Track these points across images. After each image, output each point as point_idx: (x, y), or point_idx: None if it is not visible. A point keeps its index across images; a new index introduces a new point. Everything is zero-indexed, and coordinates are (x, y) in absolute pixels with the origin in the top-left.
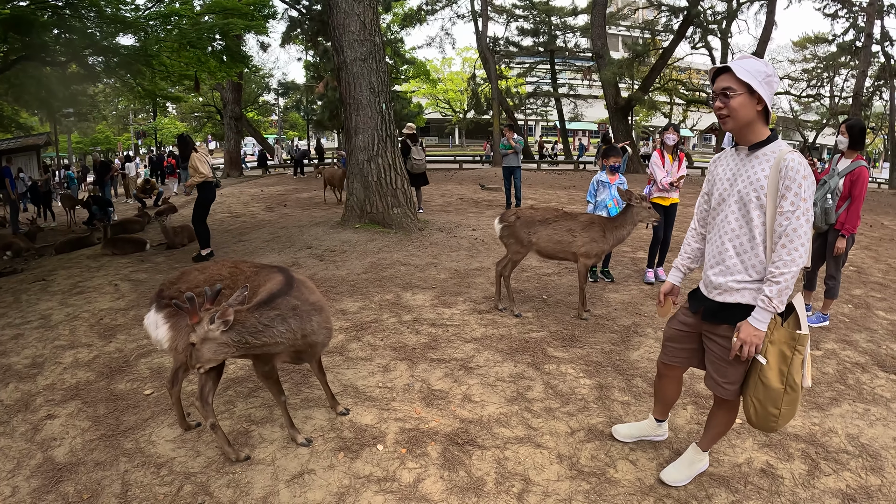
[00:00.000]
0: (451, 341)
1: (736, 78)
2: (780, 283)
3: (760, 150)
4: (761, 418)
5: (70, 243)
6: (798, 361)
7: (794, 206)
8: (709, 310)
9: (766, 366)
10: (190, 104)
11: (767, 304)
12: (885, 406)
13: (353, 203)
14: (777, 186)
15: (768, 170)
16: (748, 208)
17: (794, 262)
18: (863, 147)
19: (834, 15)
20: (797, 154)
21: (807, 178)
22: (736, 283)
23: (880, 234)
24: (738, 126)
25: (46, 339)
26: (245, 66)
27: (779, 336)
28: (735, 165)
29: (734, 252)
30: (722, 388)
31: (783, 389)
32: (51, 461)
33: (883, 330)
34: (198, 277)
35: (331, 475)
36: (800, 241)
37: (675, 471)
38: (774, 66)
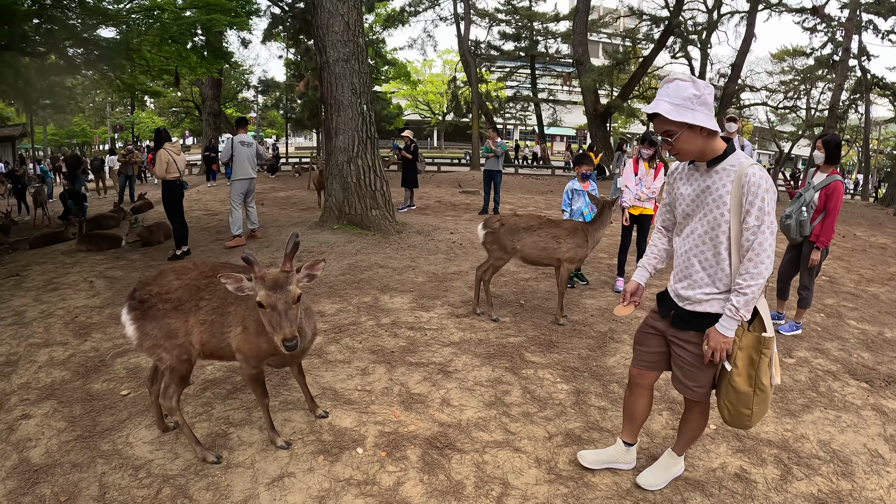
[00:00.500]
0: (430, 345)
1: (670, 119)
2: (747, 294)
3: (719, 164)
4: (735, 419)
5: (44, 238)
6: (765, 364)
7: (758, 220)
8: (679, 317)
9: (735, 371)
10: (168, 99)
11: (735, 314)
12: (856, 413)
13: (331, 204)
14: (740, 202)
15: (730, 185)
16: (712, 225)
17: (761, 275)
18: (838, 161)
19: (813, 29)
20: (758, 167)
21: (769, 192)
22: (704, 295)
23: (853, 244)
24: (691, 157)
25: (20, 336)
26: (226, 62)
27: (746, 342)
28: (696, 181)
29: (700, 267)
30: (692, 392)
31: (752, 392)
32: (26, 462)
33: (854, 339)
34: (172, 282)
35: (311, 478)
36: (766, 254)
37: (651, 475)
38: (751, 77)
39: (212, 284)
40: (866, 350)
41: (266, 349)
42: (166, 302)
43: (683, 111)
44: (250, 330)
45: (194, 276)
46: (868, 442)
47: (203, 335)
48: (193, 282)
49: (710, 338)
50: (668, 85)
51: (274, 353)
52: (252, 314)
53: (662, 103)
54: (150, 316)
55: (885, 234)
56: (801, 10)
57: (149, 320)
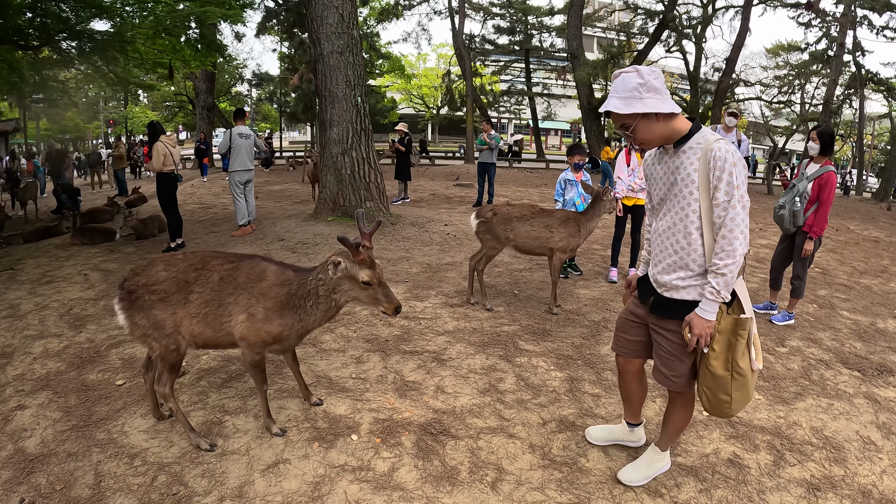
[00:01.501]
0: (424, 334)
1: (623, 114)
2: (725, 274)
3: (686, 144)
4: (714, 405)
5: (39, 232)
6: (741, 346)
7: (728, 195)
8: (658, 303)
9: (712, 354)
10: (162, 93)
11: (715, 296)
12: (848, 401)
13: (326, 196)
14: (708, 178)
15: (697, 163)
16: (682, 206)
17: (736, 251)
18: (832, 153)
19: (807, 24)
20: (723, 142)
21: (736, 165)
22: (680, 280)
23: (846, 238)
24: (658, 143)
25: (15, 328)
26: (220, 55)
27: (724, 324)
28: (666, 164)
29: (672, 250)
30: (671, 381)
31: (730, 376)
32: (22, 452)
33: (846, 329)
34: (160, 274)
35: (306, 465)
36: (738, 229)
37: (632, 471)
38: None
39: (202, 277)
40: (858, 340)
41: (275, 334)
42: (153, 293)
43: (632, 102)
44: (257, 317)
45: (183, 269)
46: (860, 429)
47: (196, 327)
48: (182, 274)
49: (693, 324)
50: (615, 81)
51: (277, 340)
52: (259, 302)
53: (612, 100)
54: (137, 306)
55: (878, 228)
56: (796, 6)
57: (137, 310)
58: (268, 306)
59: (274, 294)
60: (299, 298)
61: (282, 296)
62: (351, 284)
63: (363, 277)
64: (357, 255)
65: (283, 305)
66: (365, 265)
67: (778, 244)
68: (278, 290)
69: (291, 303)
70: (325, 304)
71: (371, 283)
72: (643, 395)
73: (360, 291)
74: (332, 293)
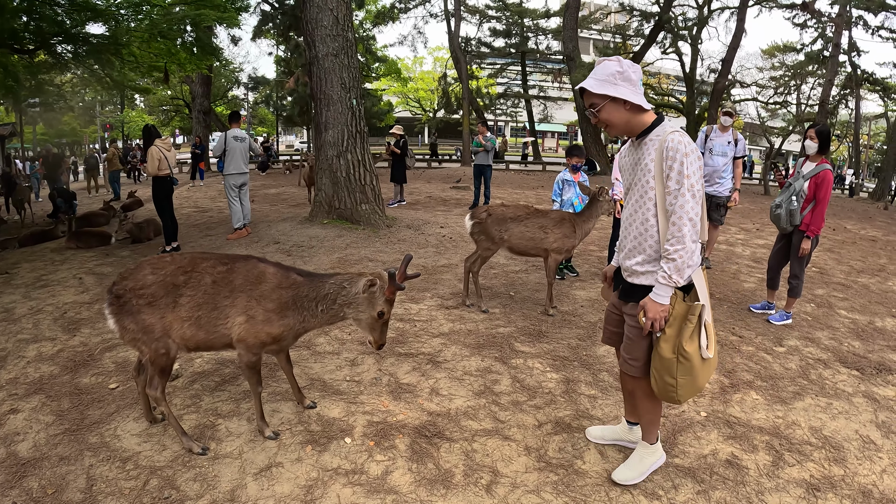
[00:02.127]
0: (419, 336)
1: (594, 93)
2: (675, 259)
3: (647, 136)
4: (660, 388)
5: (34, 236)
6: (688, 330)
7: (678, 183)
8: (623, 290)
9: (662, 337)
10: (158, 97)
11: (667, 280)
12: (847, 400)
13: (321, 199)
14: (662, 167)
15: (654, 153)
16: (641, 193)
17: (685, 238)
18: (828, 151)
19: (803, 25)
20: (678, 133)
21: (688, 156)
22: (639, 265)
23: (843, 237)
24: (619, 130)
25: (9, 332)
26: (216, 58)
27: (678, 310)
28: (632, 156)
29: (633, 236)
30: (628, 365)
31: (675, 359)
32: (14, 456)
33: (844, 328)
34: (147, 277)
35: (299, 468)
36: (687, 216)
37: (626, 469)
38: (742, 73)
39: (193, 279)
40: (857, 339)
41: (275, 335)
42: (141, 297)
43: (606, 85)
44: (257, 318)
45: (171, 272)
46: (860, 428)
47: (187, 330)
48: (170, 278)
49: (647, 308)
50: (596, 67)
51: (277, 340)
52: (260, 304)
53: (588, 80)
54: (126, 311)
55: (875, 227)
56: (792, 6)
57: (126, 315)
58: (268, 308)
59: (276, 296)
60: (309, 301)
61: (286, 298)
62: (367, 308)
63: (381, 309)
64: (392, 290)
65: (287, 307)
66: (389, 302)
67: (775, 243)
68: (281, 292)
69: (297, 305)
70: (333, 312)
71: (382, 317)
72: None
73: (368, 317)
74: (346, 306)
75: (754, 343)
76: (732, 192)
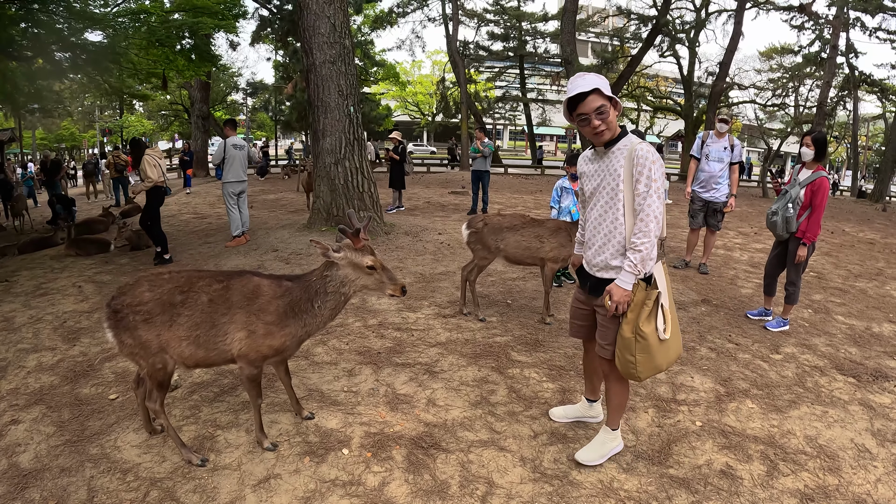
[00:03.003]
0: (416, 346)
1: (604, 95)
2: (641, 250)
3: (615, 146)
4: (622, 365)
5: (33, 243)
6: (645, 313)
7: (647, 186)
8: (592, 285)
9: (624, 320)
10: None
11: (632, 269)
12: (843, 408)
13: (319, 206)
14: (631, 173)
15: (623, 160)
16: (611, 195)
17: (651, 232)
18: (825, 158)
19: (800, 27)
20: (645, 145)
21: (655, 163)
22: (610, 258)
23: (841, 240)
24: (608, 133)
25: (9, 342)
26: (214, 65)
27: (639, 297)
28: (597, 163)
29: (602, 234)
30: (604, 350)
31: (634, 338)
32: (16, 467)
33: (841, 334)
34: (144, 294)
35: (297, 480)
36: (653, 214)
37: (587, 451)
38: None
39: (190, 299)
40: (854, 345)
41: (276, 346)
42: (137, 314)
43: (607, 87)
44: (258, 333)
45: (168, 290)
46: (855, 437)
47: (186, 350)
48: (166, 296)
49: (613, 292)
50: (580, 77)
51: (279, 352)
52: (259, 318)
53: (592, 82)
54: (122, 326)
55: (873, 230)
56: (789, 8)
57: (122, 330)
58: (268, 321)
59: (273, 308)
60: (304, 303)
61: (282, 307)
62: (357, 272)
63: (367, 262)
64: (358, 241)
65: (285, 316)
66: (367, 251)
67: (771, 250)
68: (278, 302)
69: (295, 310)
70: (333, 301)
71: (375, 268)
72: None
73: (367, 278)
74: (341, 287)
75: (751, 350)
76: (729, 197)
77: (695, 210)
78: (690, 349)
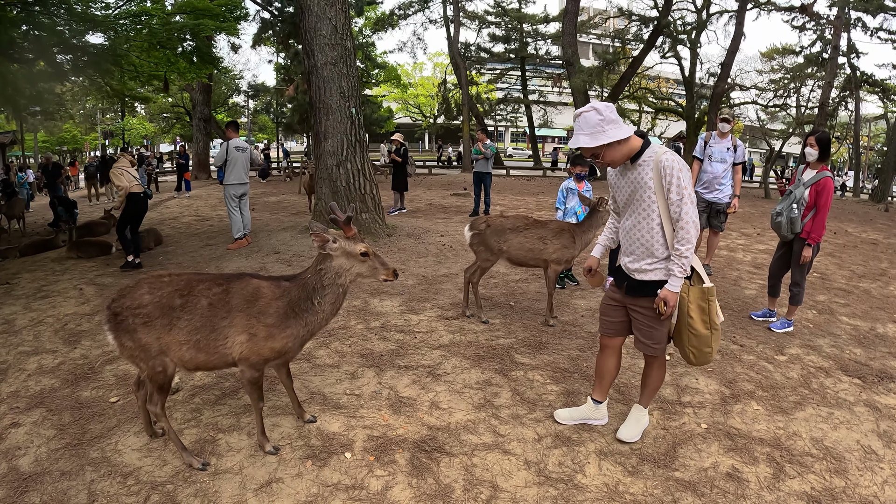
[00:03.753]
0: (419, 348)
1: (591, 147)
2: (687, 256)
3: (640, 158)
4: (700, 357)
5: (35, 246)
6: (713, 308)
7: (678, 195)
8: (631, 287)
9: (692, 320)
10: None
11: (682, 273)
12: (849, 409)
13: (321, 208)
14: (661, 183)
15: (651, 172)
16: (644, 207)
17: (692, 238)
18: (828, 158)
19: (802, 27)
20: (670, 153)
21: (682, 171)
22: (648, 265)
23: (844, 241)
24: (620, 162)
25: (10, 344)
26: (215, 67)
27: (693, 295)
28: (627, 176)
29: (640, 243)
30: (651, 349)
31: (710, 332)
32: (16, 471)
33: (846, 335)
34: (143, 297)
35: (299, 483)
36: (691, 221)
37: (627, 429)
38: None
39: (190, 303)
40: (858, 346)
41: (278, 349)
42: (136, 317)
43: (598, 136)
44: (259, 335)
45: (167, 293)
46: (861, 438)
47: (186, 353)
48: (166, 300)
49: (668, 298)
50: (579, 119)
51: (281, 353)
52: (259, 320)
53: (580, 137)
54: (122, 328)
55: (876, 230)
56: (790, 9)
57: (122, 332)
58: (269, 323)
59: (274, 309)
60: (303, 301)
61: (282, 308)
62: (351, 261)
63: (360, 249)
64: (349, 230)
65: (286, 316)
66: (357, 239)
67: (776, 251)
68: (277, 303)
69: (295, 310)
70: (332, 294)
71: (368, 254)
72: (616, 373)
73: (360, 265)
74: (336, 278)
75: (755, 352)
76: (732, 198)
77: (698, 211)
78: None
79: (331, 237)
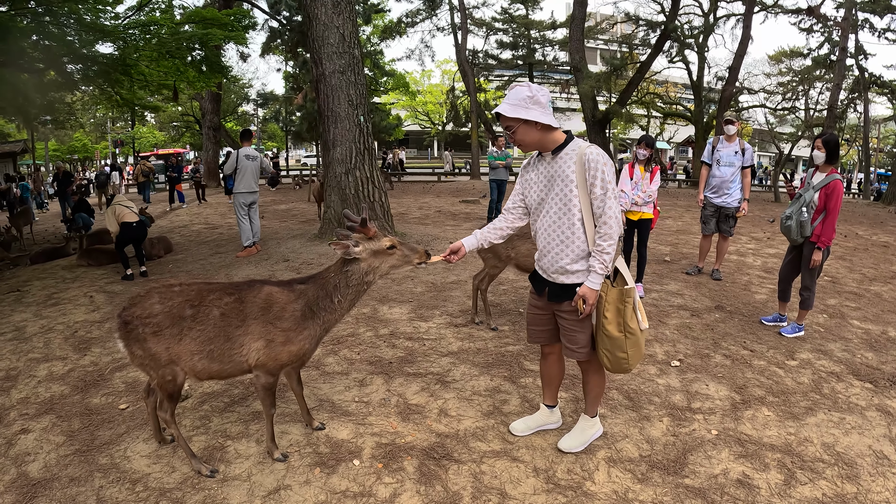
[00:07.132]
0: (428, 355)
1: (508, 116)
2: (609, 252)
3: (562, 151)
4: (614, 363)
5: (46, 253)
6: (629, 311)
7: (602, 189)
8: (552, 292)
9: (606, 321)
10: (168, 113)
11: (602, 270)
12: (860, 414)
13: (330, 216)
14: (584, 177)
15: (573, 165)
16: (564, 202)
17: (614, 234)
18: (837, 161)
19: (809, 29)
20: (595, 148)
21: (606, 165)
22: (569, 264)
23: (854, 244)
24: (532, 147)
25: (20, 351)
26: (224, 76)
27: (611, 296)
28: (545, 170)
29: (558, 241)
30: (576, 353)
31: (624, 336)
32: (25, 477)
33: (857, 339)
34: (154, 307)
35: (307, 491)
36: (613, 216)
37: (569, 439)
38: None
39: (201, 313)
40: (870, 350)
41: (295, 352)
42: (147, 326)
43: (518, 109)
44: (276, 341)
45: (178, 304)
46: (873, 443)
47: (198, 364)
48: (177, 309)
49: (587, 295)
50: (510, 90)
51: (299, 356)
52: (276, 326)
53: (503, 104)
54: (133, 337)
55: (886, 233)
56: (797, 11)
57: (132, 341)
58: (285, 327)
59: (289, 313)
60: (322, 300)
61: (298, 311)
62: (381, 258)
63: (387, 244)
64: (369, 230)
65: (303, 318)
66: (380, 236)
67: (786, 255)
68: (293, 307)
69: (313, 310)
70: (355, 292)
71: (395, 245)
72: (561, 377)
73: (391, 258)
74: (365, 276)
75: (766, 357)
76: (741, 202)
77: (707, 216)
78: (705, 356)
79: (351, 242)
